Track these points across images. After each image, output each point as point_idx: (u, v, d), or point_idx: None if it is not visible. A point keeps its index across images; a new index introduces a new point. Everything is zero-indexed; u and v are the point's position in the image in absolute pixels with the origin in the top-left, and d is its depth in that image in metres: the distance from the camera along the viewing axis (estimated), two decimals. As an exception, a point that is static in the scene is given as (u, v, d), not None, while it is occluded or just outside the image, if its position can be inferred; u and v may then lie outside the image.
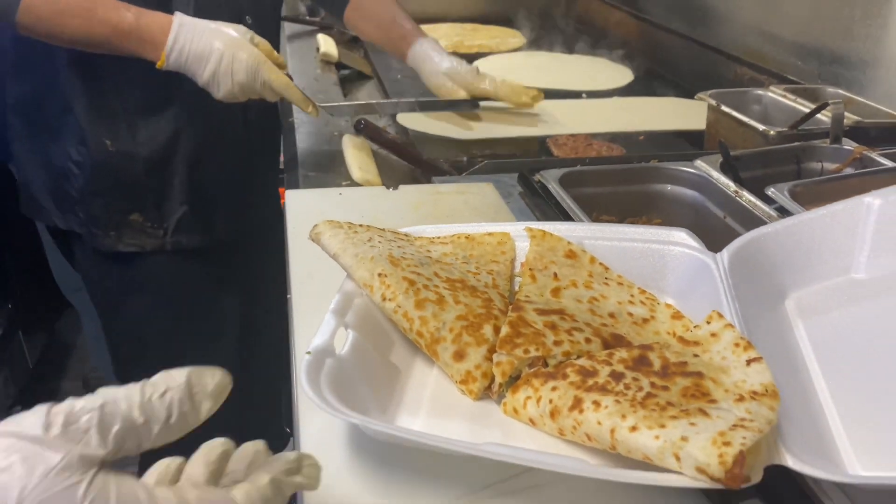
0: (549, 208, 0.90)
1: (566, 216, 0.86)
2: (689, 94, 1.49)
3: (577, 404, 0.48)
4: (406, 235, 0.70)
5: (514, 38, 2.13)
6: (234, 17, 1.14)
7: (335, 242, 0.63)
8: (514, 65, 1.87)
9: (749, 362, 0.50)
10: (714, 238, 0.69)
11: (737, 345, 0.52)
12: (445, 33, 2.11)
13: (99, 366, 2.21)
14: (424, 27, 1.48)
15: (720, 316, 0.55)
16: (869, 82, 1.32)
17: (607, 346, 0.56)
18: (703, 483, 0.42)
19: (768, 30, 1.58)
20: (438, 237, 0.71)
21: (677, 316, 0.61)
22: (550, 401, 0.50)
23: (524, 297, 0.62)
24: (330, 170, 1.21)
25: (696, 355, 0.53)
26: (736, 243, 0.61)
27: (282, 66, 1.11)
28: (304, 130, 1.37)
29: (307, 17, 2.09)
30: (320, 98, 1.35)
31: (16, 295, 2.11)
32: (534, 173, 0.95)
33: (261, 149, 1.37)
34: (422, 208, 0.89)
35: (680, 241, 0.65)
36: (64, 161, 1.20)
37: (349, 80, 1.75)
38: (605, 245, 0.67)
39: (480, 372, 0.55)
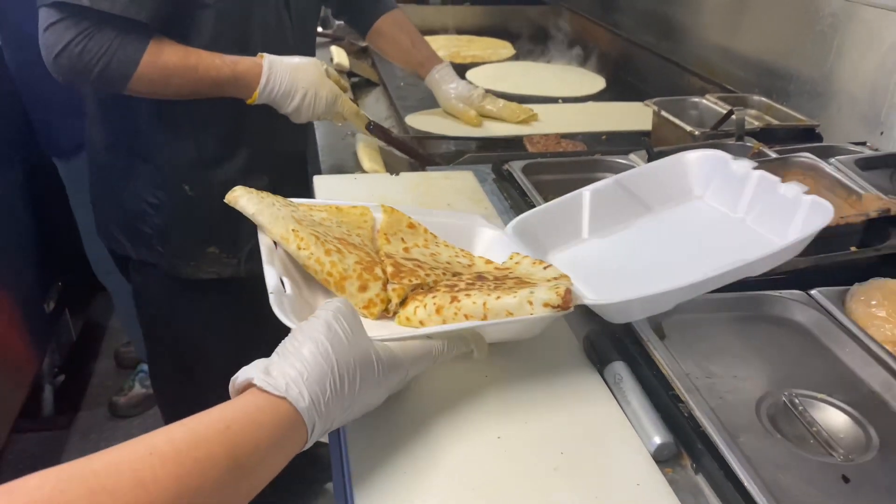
0: (514, 191, 1.15)
1: (527, 198, 1.10)
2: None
3: (454, 299, 0.70)
4: (292, 202, 0.85)
5: (506, 48, 2.30)
6: (281, 32, 1.28)
7: (251, 205, 0.78)
8: (502, 73, 2.03)
9: (545, 268, 0.77)
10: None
11: (534, 263, 0.79)
12: (444, 44, 2.28)
13: (132, 341, 2.45)
14: (425, 38, 1.68)
15: (518, 254, 0.82)
16: (794, 92, 1.57)
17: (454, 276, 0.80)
18: (548, 312, 0.67)
19: (718, 45, 1.82)
20: (315, 205, 0.86)
21: (489, 262, 0.84)
22: (434, 303, 0.71)
23: (386, 253, 0.81)
24: (344, 162, 1.46)
25: (511, 273, 0.79)
26: (513, 222, 0.88)
27: (345, 90, 1.28)
28: (322, 131, 1.59)
29: (320, 30, 2.27)
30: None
31: (66, 274, 2.32)
32: (503, 164, 1.20)
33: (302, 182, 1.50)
34: (417, 189, 1.15)
35: (480, 223, 0.90)
36: (138, 204, 1.31)
37: (358, 86, 1.94)
38: (431, 223, 0.88)
39: (379, 298, 0.75)
